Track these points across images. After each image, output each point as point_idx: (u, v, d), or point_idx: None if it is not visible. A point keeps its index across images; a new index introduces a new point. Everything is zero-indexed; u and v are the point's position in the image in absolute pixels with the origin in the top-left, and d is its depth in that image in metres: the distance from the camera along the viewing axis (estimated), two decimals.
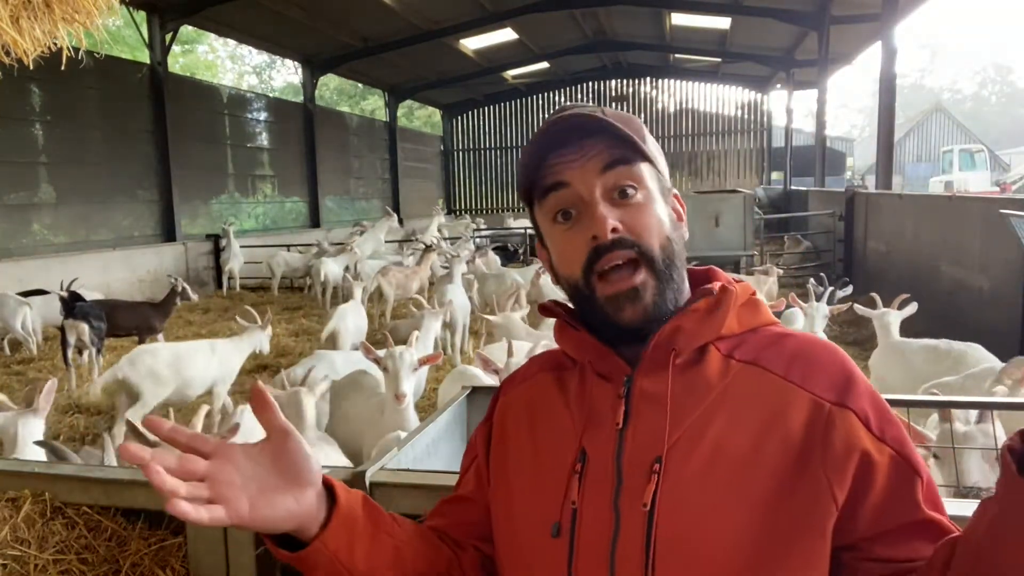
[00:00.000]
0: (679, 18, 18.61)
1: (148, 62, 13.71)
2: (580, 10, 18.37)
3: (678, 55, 23.77)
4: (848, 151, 34.46)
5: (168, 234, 13.97)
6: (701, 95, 27.40)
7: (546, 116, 1.03)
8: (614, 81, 27.83)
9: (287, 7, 14.75)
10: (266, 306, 7.89)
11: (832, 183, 21.75)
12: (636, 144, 0.93)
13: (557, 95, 28.33)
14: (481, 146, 29.11)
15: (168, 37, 13.95)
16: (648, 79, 27.48)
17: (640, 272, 0.91)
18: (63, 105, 11.85)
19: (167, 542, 1.55)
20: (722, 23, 18.26)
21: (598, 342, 0.95)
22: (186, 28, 15.83)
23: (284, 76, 35.02)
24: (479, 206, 28.59)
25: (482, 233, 17.06)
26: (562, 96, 28.38)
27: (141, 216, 13.66)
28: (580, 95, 28.29)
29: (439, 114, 29.82)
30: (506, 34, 19.73)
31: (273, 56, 23.26)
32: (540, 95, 28.11)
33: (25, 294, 8.59)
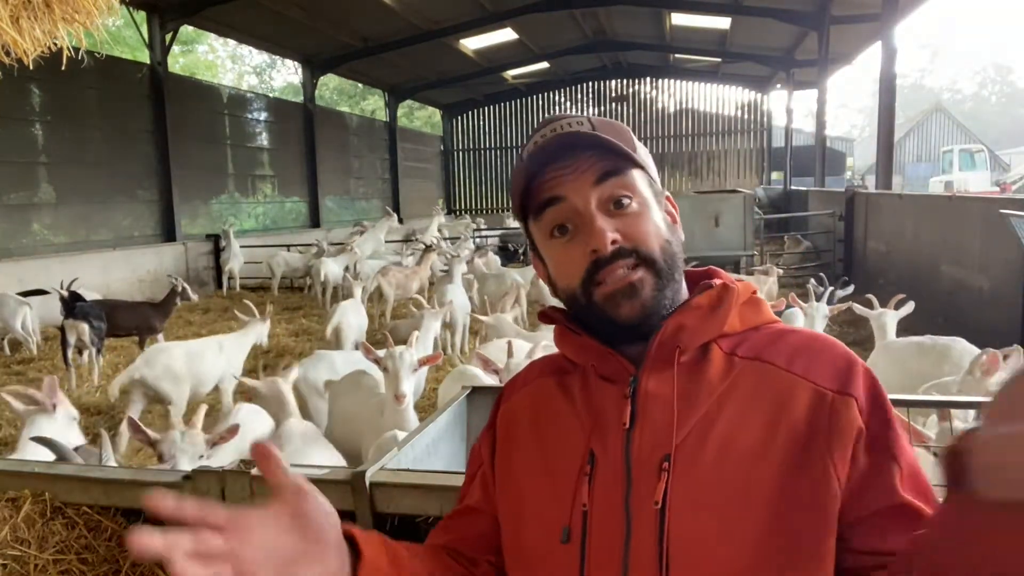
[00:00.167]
0: (679, 18, 18.61)
1: (148, 62, 13.71)
2: (580, 10, 18.36)
3: (678, 55, 23.76)
4: (848, 151, 34.44)
5: (168, 234, 13.97)
6: (701, 95, 27.40)
7: (546, 117, 1.01)
8: (614, 81, 27.82)
9: (287, 7, 14.75)
10: (266, 304, 7.93)
11: (832, 183, 21.74)
12: (627, 153, 0.93)
13: (557, 95, 28.33)
14: (481, 146, 29.09)
15: (168, 37, 13.95)
16: (648, 79, 27.48)
17: (638, 270, 0.91)
18: (63, 105, 11.85)
19: None
20: (722, 23, 18.25)
21: (600, 344, 0.95)
22: (186, 28, 15.83)
23: (284, 76, 35.05)
24: (479, 206, 28.58)
25: (484, 233, 17.06)
26: (562, 96, 28.38)
27: (141, 216, 13.66)
28: (580, 95, 28.30)
29: (439, 114, 29.82)
30: (506, 34, 19.73)
31: (273, 56, 23.27)
32: (540, 95, 28.11)
33: (25, 294, 8.59)
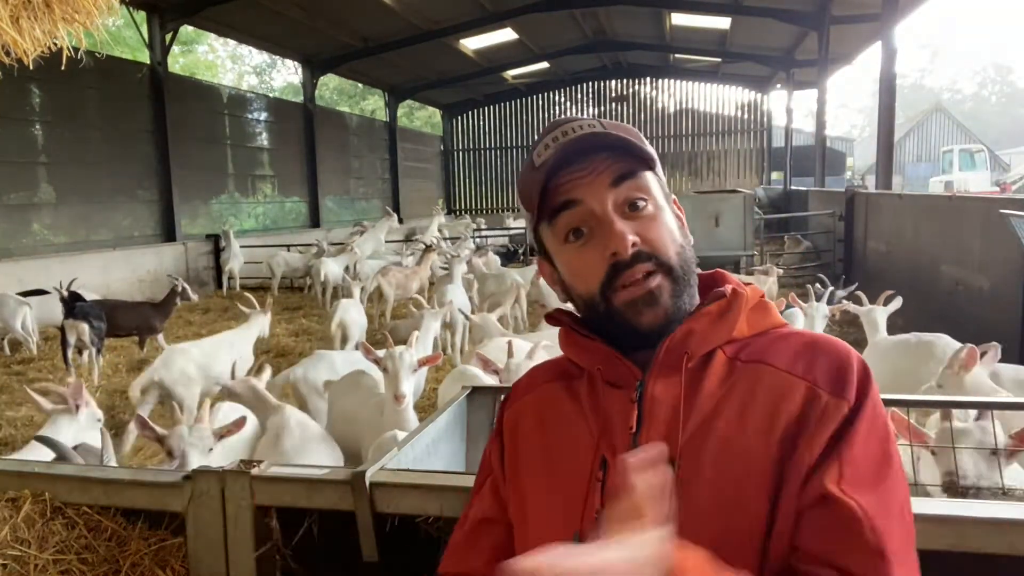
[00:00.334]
0: (679, 18, 18.60)
1: (148, 62, 13.71)
2: (580, 10, 18.36)
3: (678, 55, 23.75)
4: (848, 151, 34.41)
5: (168, 234, 13.97)
6: (701, 95, 27.39)
7: (546, 117, 1.00)
8: (614, 81, 27.81)
9: (287, 7, 14.75)
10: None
11: (832, 183, 21.72)
12: (641, 153, 0.93)
13: (557, 95, 28.33)
14: (481, 146, 29.08)
15: (168, 37, 13.95)
16: (648, 79, 27.47)
17: (655, 277, 0.90)
18: (63, 105, 11.85)
19: (167, 542, 1.56)
20: (722, 23, 18.25)
21: (607, 347, 0.95)
22: (186, 28, 15.83)
23: (284, 76, 35.07)
24: (479, 206, 28.57)
25: (485, 233, 17.05)
26: (562, 96, 28.37)
27: (141, 216, 13.66)
28: (580, 95, 28.30)
29: (439, 114, 29.81)
30: (506, 34, 19.72)
31: (273, 56, 23.26)
32: (540, 95, 28.09)
33: (25, 294, 8.59)
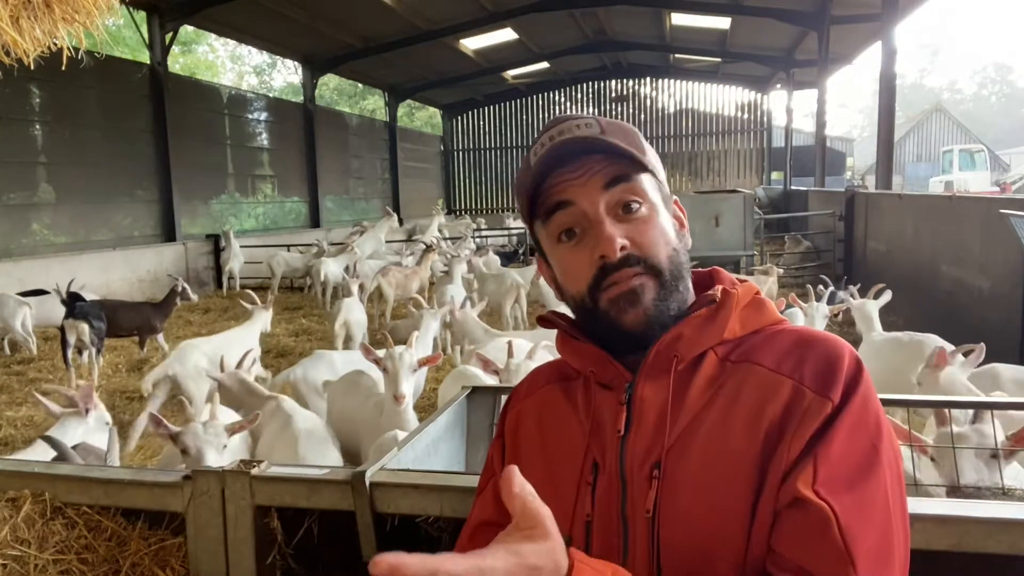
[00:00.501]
0: (679, 18, 18.61)
1: (148, 62, 13.71)
2: (580, 10, 18.36)
3: (678, 55, 23.75)
4: (848, 151, 34.40)
5: (168, 234, 13.97)
6: (701, 95, 27.39)
7: (546, 117, 1.00)
8: (614, 81, 27.81)
9: (287, 7, 14.75)
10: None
11: (832, 183, 21.72)
12: (636, 157, 0.93)
13: (557, 95, 28.32)
14: (481, 146, 29.08)
15: (168, 37, 13.94)
16: (648, 79, 27.47)
17: (640, 276, 0.90)
18: (63, 105, 11.85)
19: (167, 542, 1.55)
20: (722, 23, 18.25)
21: (599, 349, 0.95)
22: (186, 28, 15.83)
23: (284, 76, 35.11)
24: (479, 206, 28.57)
25: (485, 233, 17.05)
26: (562, 96, 28.37)
27: (141, 216, 13.66)
28: (580, 95, 28.30)
29: (439, 114, 29.81)
30: (506, 34, 19.73)
31: (273, 56, 23.27)
32: (540, 95, 28.10)
33: (25, 294, 8.59)
